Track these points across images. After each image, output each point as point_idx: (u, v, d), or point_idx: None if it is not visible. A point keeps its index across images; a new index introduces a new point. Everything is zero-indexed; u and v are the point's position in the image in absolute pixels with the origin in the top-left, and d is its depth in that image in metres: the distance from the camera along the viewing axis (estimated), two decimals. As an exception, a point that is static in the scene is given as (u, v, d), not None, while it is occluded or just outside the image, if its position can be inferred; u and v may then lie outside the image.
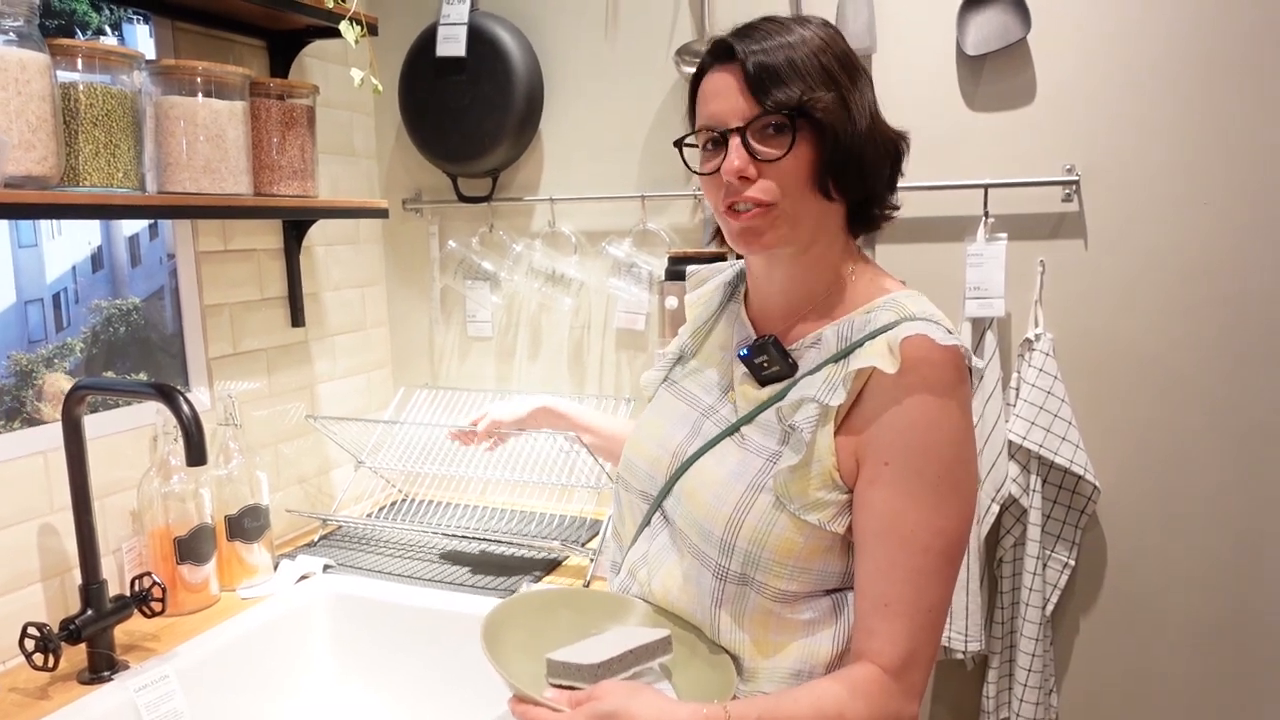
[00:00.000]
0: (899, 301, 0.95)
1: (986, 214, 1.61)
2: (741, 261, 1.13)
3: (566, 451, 1.77)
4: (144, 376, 1.50)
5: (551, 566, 1.61)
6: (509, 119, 1.85)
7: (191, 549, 1.42)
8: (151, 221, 1.51)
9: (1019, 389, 1.62)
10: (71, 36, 1.34)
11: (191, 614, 1.43)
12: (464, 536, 1.70)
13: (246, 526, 1.53)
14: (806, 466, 0.91)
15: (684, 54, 1.75)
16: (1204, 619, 1.62)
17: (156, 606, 1.30)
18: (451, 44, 1.84)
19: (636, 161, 1.87)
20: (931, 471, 0.88)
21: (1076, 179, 1.58)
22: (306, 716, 1.50)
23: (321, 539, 1.76)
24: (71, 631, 1.20)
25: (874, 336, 0.92)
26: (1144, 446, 1.62)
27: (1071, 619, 1.71)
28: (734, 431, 1.00)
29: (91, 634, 1.23)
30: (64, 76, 1.16)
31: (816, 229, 0.96)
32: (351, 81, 1.56)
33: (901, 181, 1.01)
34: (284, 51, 1.72)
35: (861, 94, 0.94)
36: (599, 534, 1.66)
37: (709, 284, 1.17)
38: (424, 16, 1.91)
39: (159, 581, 1.31)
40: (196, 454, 1.14)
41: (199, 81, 1.32)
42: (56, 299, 1.36)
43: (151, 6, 1.48)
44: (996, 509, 1.63)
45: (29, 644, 1.19)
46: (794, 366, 0.98)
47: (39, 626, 1.19)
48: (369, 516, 1.88)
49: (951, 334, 0.91)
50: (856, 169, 0.93)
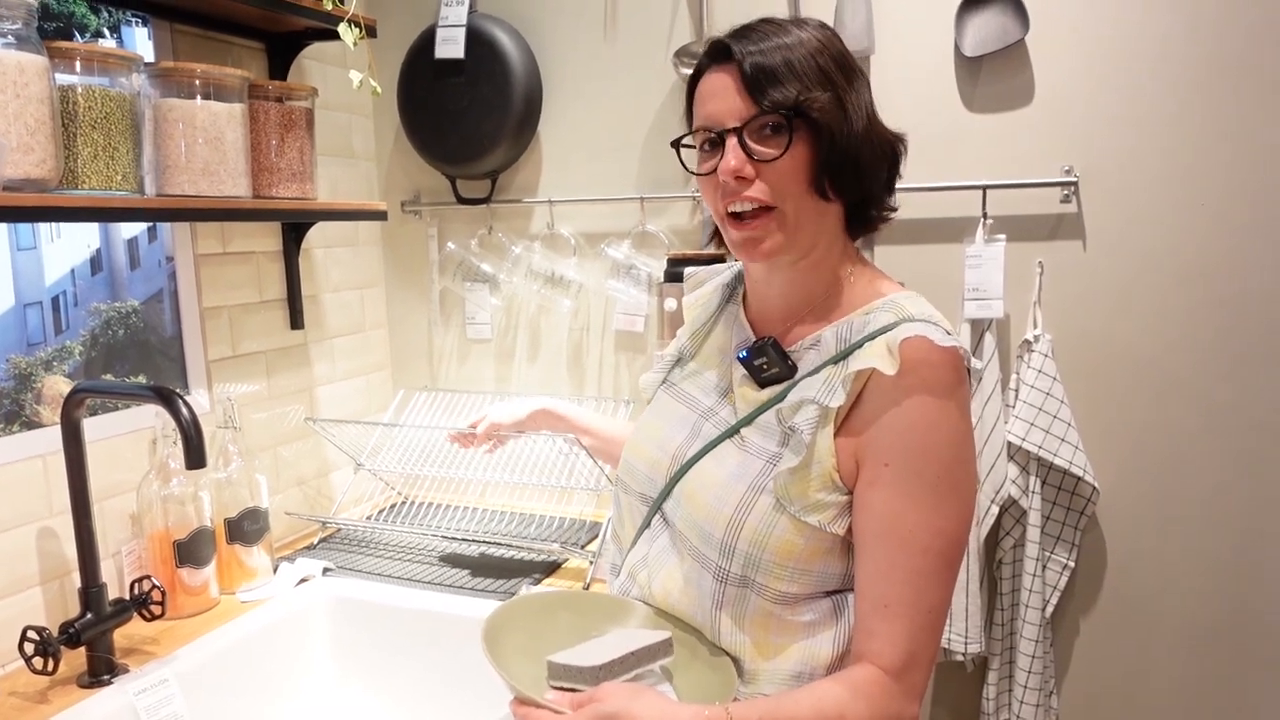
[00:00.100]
0: (898, 303, 0.96)
1: (985, 215, 1.61)
2: (739, 263, 1.13)
3: (566, 454, 1.77)
4: (143, 379, 1.50)
5: (551, 569, 1.61)
6: (508, 121, 1.85)
7: (191, 552, 1.42)
8: (150, 224, 1.51)
9: (1018, 390, 1.62)
10: (70, 39, 1.34)
11: (191, 617, 1.43)
12: (463, 539, 1.69)
13: (246, 529, 1.53)
14: (806, 468, 0.91)
15: (682, 55, 1.75)
16: (1203, 620, 1.62)
17: (156, 610, 1.30)
18: (450, 46, 1.84)
19: (635, 163, 1.87)
20: (931, 472, 0.88)
21: (1075, 180, 1.58)
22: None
23: (321, 542, 1.76)
24: (71, 635, 1.20)
25: (873, 338, 0.92)
26: (1142, 448, 1.62)
27: (1071, 620, 1.71)
28: (734, 433, 1.00)
29: (91, 637, 1.22)
30: (62, 79, 1.16)
31: (816, 232, 0.96)
32: (350, 83, 1.56)
33: (900, 183, 1.01)
34: (283, 54, 1.72)
35: (858, 95, 0.94)
36: (598, 536, 1.66)
37: (707, 286, 1.17)
38: (422, 18, 1.91)
39: (158, 585, 1.31)
40: (196, 457, 1.14)
41: (197, 84, 1.32)
42: (55, 302, 1.36)
43: (150, 9, 1.48)
44: (996, 510, 1.63)
45: (28, 648, 1.19)
46: (793, 368, 0.98)
47: (38, 630, 1.19)
48: (368, 519, 1.88)
49: (950, 335, 0.92)
50: (853, 169, 0.93)
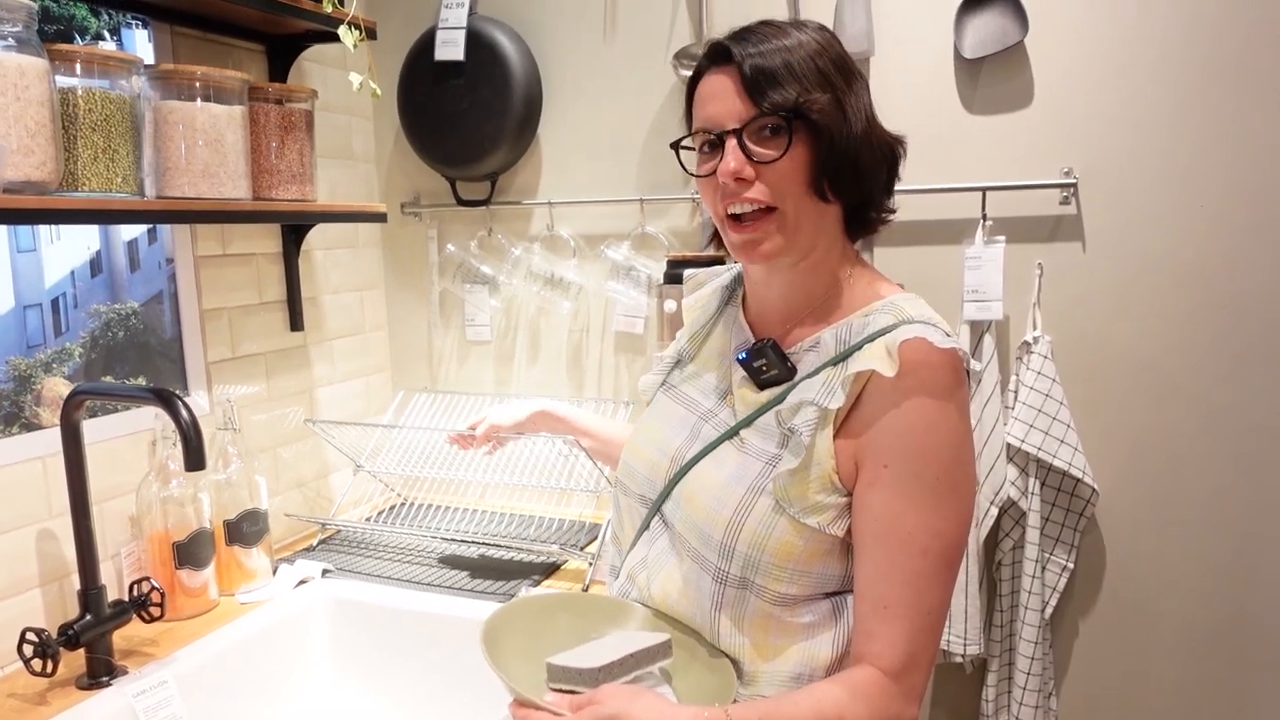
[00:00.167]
0: (897, 305, 0.96)
1: (984, 217, 1.61)
2: (738, 265, 1.13)
3: (565, 455, 1.77)
4: (143, 381, 1.50)
5: (550, 570, 1.60)
6: (507, 123, 1.85)
7: (190, 554, 1.42)
8: (150, 226, 1.51)
9: (1017, 392, 1.62)
10: (70, 42, 1.35)
11: (190, 619, 1.43)
12: (463, 540, 1.69)
13: (245, 531, 1.53)
14: (806, 470, 0.91)
15: (682, 57, 1.76)
16: (1202, 622, 1.62)
17: (155, 611, 1.30)
18: (450, 48, 1.84)
19: (635, 165, 1.87)
20: (930, 474, 0.89)
21: (1074, 182, 1.58)
22: (305, 721, 1.50)
23: (320, 543, 1.76)
24: (70, 637, 1.20)
25: (872, 339, 0.92)
26: (1141, 449, 1.62)
27: (1070, 622, 1.71)
28: (733, 435, 1.00)
29: (90, 639, 1.22)
30: (63, 82, 1.16)
31: (815, 234, 0.96)
32: (350, 86, 1.56)
33: (899, 184, 1.01)
34: (283, 56, 1.72)
35: (857, 97, 0.94)
36: (598, 538, 1.66)
37: (706, 288, 1.17)
38: (422, 21, 1.91)
39: (158, 586, 1.31)
40: (195, 459, 1.14)
41: (198, 86, 1.32)
42: (55, 304, 1.36)
43: (150, 11, 1.48)
44: (995, 512, 1.63)
45: (27, 649, 1.19)
46: (793, 370, 0.98)
47: (37, 632, 1.19)
48: (368, 521, 1.88)
49: (949, 337, 0.92)
50: (852, 171, 0.94)
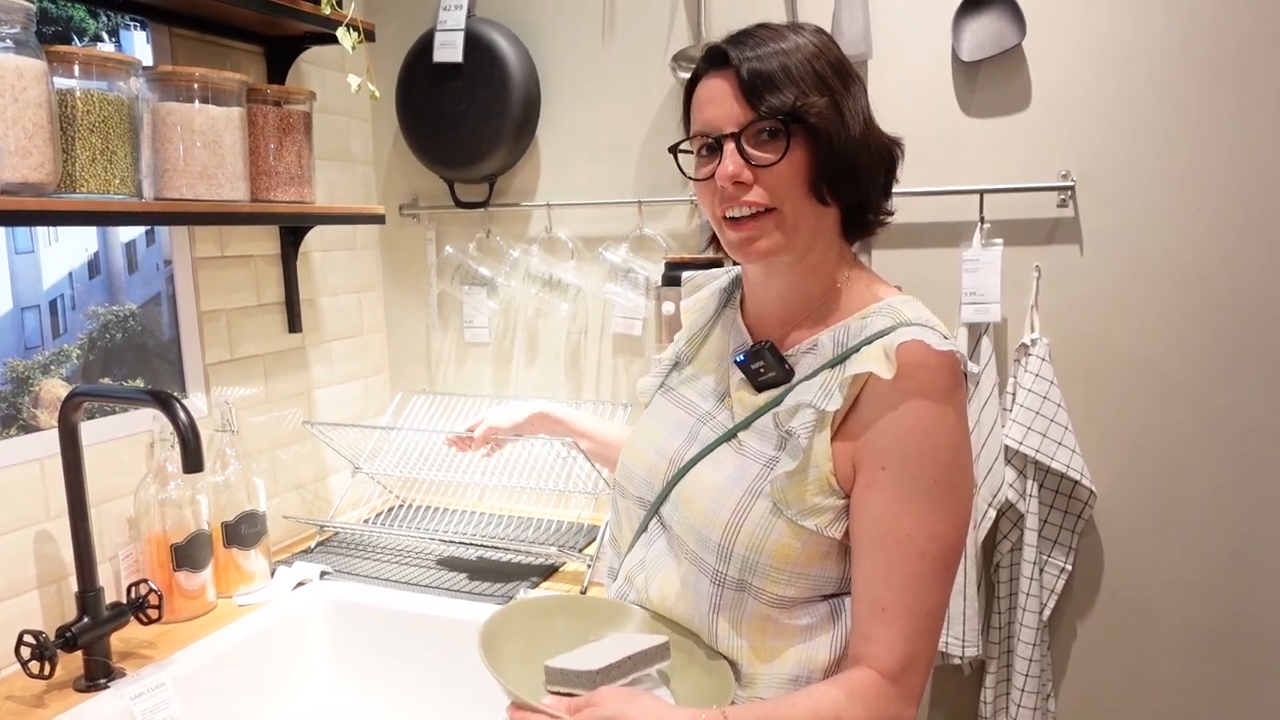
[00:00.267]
0: (894, 307, 0.96)
1: (982, 219, 1.61)
2: (737, 267, 1.13)
3: (563, 457, 1.77)
4: (141, 383, 1.50)
5: (549, 572, 1.60)
6: (506, 125, 1.85)
7: (188, 556, 1.42)
8: (148, 228, 1.51)
9: (1015, 394, 1.62)
10: (69, 43, 1.35)
11: (188, 621, 1.43)
12: (461, 542, 1.69)
13: (243, 533, 1.53)
14: (803, 472, 0.91)
15: (680, 59, 1.76)
16: (1200, 623, 1.62)
17: (153, 613, 1.30)
18: (448, 50, 1.85)
19: (633, 167, 1.87)
20: (927, 476, 0.89)
21: (1072, 184, 1.58)
22: (303, 723, 1.50)
23: (318, 545, 1.76)
24: (68, 639, 1.20)
25: (870, 342, 0.92)
26: (1139, 451, 1.62)
27: (1069, 624, 1.71)
28: (731, 437, 1.00)
29: (88, 641, 1.22)
30: (61, 83, 1.16)
31: (813, 235, 0.96)
32: (348, 87, 1.56)
33: (897, 187, 1.01)
34: (281, 58, 1.72)
35: (855, 100, 0.94)
36: (596, 540, 1.66)
37: (704, 290, 1.17)
38: (421, 23, 1.92)
39: (155, 588, 1.31)
40: (193, 460, 1.14)
41: (196, 88, 1.32)
42: (53, 305, 1.36)
43: (148, 13, 1.48)
44: (993, 514, 1.63)
45: (25, 652, 1.19)
46: (790, 372, 0.98)
47: (35, 634, 1.19)
48: (366, 522, 1.88)
49: (947, 339, 0.92)
50: (850, 174, 0.94)
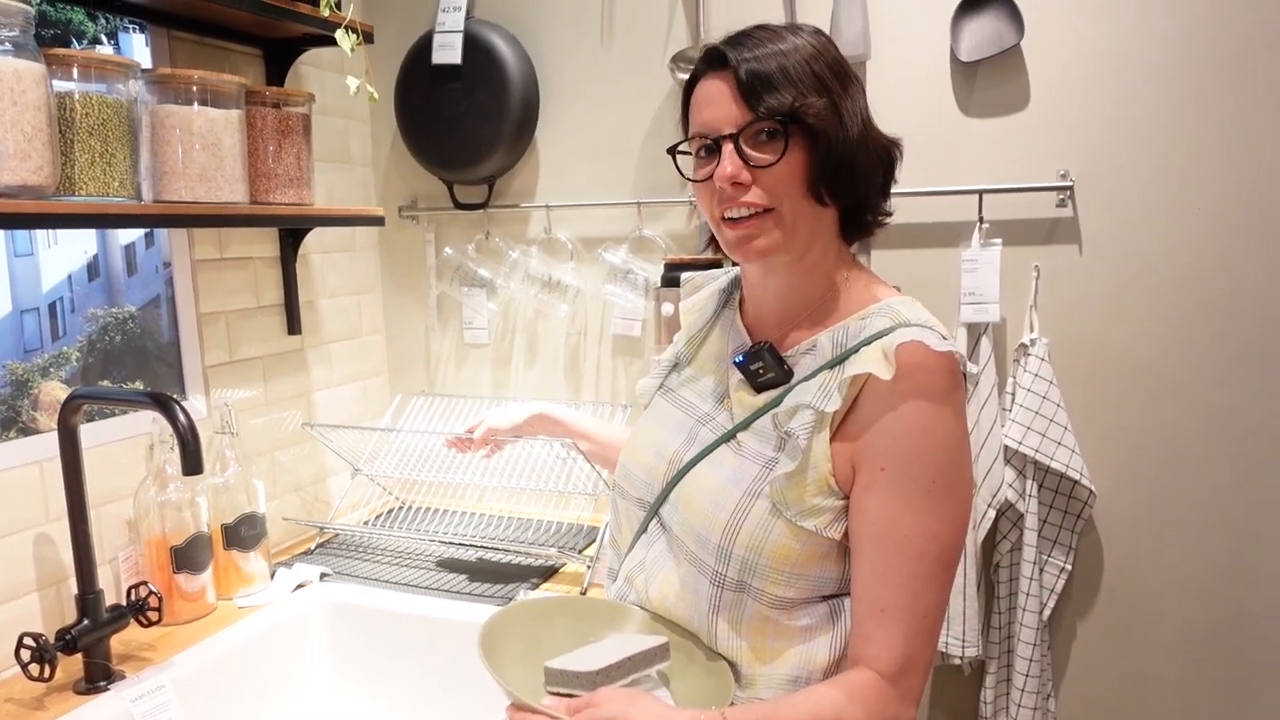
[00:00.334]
0: (893, 308, 0.96)
1: (981, 219, 1.61)
2: (736, 268, 1.13)
3: (563, 458, 1.77)
4: (140, 385, 1.50)
5: (548, 574, 1.60)
6: (505, 126, 1.85)
7: (188, 558, 1.42)
8: (147, 230, 1.51)
9: (1014, 394, 1.62)
10: (67, 46, 1.35)
11: (188, 623, 1.43)
12: (461, 544, 1.69)
13: (243, 535, 1.53)
14: (802, 473, 0.91)
15: (679, 61, 1.76)
16: (1200, 623, 1.62)
17: (153, 616, 1.30)
18: (447, 52, 1.85)
19: (632, 168, 1.87)
20: (926, 477, 0.89)
21: (1070, 184, 1.58)
22: (303, 725, 1.50)
23: (318, 547, 1.76)
24: (68, 641, 1.20)
25: (869, 342, 0.92)
26: (1139, 451, 1.62)
27: (1068, 624, 1.71)
28: (730, 438, 1.00)
29: (88, 644, 1.22)
30: (60, 86, 1.16)
31: (811, 236, 0.96)
32: (347, 89, 1.56)
33: (896, 187, 1.01)
34: (280, 60, 1.73)
35: (853, 101, 0.94)
36: (596, 541, 1.66)
37: (703, 291, 1.17)
38: (420, 24, 1.92)
39: (155, 591, 1.31)
40: (192, 462, 1.14)
41: (195, 90, 1.32)
42: (53, 308, 1.36)
43: (147, 16, 1.48)
44: (993, 514, 1.63)
45: (25, 654, 1.19)
46: (789, 373, 0.98)
47: (35, 637, 1.19)
48: (365, 524, 1.88)
49: (946, 340, 0.92)
50: (849, 175, 0.94)
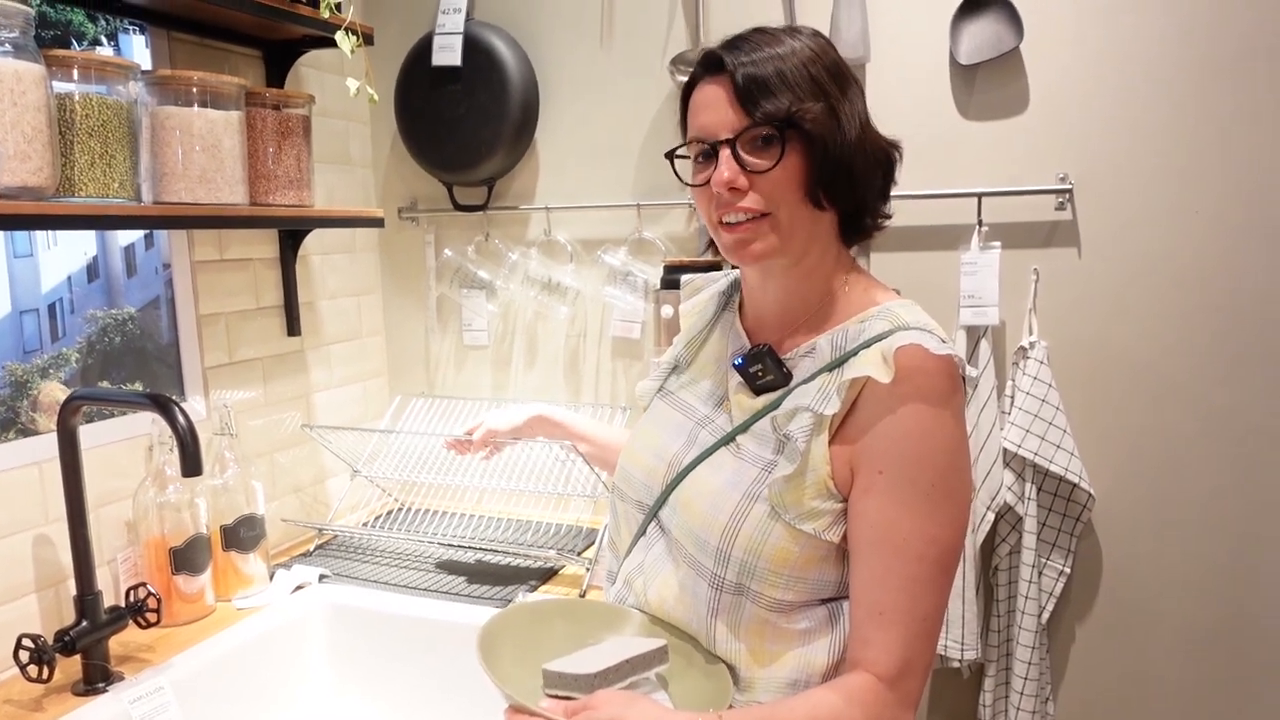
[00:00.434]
0: (892, 311, 0.96)
1: (980, 222, 1.61)
2: (736, 271, 1.13)
3: (562, 460, 1.77)
4: (139, 386, 1.50)
5: (547, 576, 1.60)
6: (504, 128, 1.85)
7: (187, 559, 1.42)
8: (147, 231, 1.51)
9: (1014, 397, 1.62)
10: (67, 47, 1.35)
11: (187, 624, 1.43)
12: (460, 546, 1.69)
13: (242, 536, 1.53)
14: (801, 476, 0.91)
15: (678, 63, 1.76)
16: (1200, 625, 1.62)
17: (152, 617, 1.30)
18: (447, 53, 1.85)
19: (632, 170, 1.87)
20: (925, 480, 0.89)
21: (1070, 187, 1.58)
22: (302, 727, 1.50)
23: (317, 548, 1.76)
24: (66, 643, 1.20)
25: (868, 345, 0.92)
26: (1138, 453, 1.62)
27: (1067, 626, 1.71)
28: (729, 441, 1.00)
29: (86, 645, 1.22)
30: (60, 87, 1.16)
31: (809, 239, 0.96)
32: (347, 91, 1.56)
33: (895, 190, 1.01)
34: (280, 62, 1.73)
35: (851, 104, 0.94)
36: (595, 543, 1.66)
37: (703, 294, 1.17)
38: (420, 26, 1.92)
39: (154, 592, 1.31)
40: (192, 464, 1.14)
41: (195, 92, 1.32)
42: (52, 309, 1.36)
43: (147, 17, 1.48)
44: (992, 517, 1.63)
45: (23, 655, 1.19)
46: (788, 376, 0.98)
47: (33, 638, 1.19)
48: (365, 526, 1.88)
49: (945, 343, 0.92)
50: (847, 178, 0.94)
